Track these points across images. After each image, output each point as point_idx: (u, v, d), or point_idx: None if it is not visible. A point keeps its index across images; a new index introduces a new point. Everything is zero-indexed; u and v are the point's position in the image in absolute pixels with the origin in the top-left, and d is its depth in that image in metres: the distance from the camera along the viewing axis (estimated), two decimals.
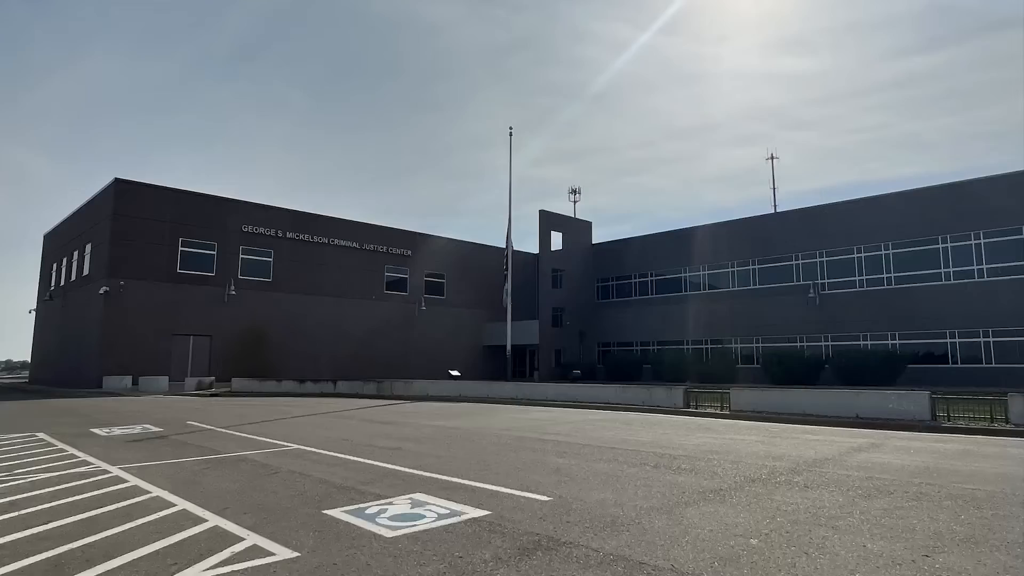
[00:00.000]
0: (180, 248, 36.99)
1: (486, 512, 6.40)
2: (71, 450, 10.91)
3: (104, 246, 35.83)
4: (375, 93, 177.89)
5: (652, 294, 49.97)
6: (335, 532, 5.78)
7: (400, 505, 6.71)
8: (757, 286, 44.02)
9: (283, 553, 5.20)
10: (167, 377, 32.66)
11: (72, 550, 5.35)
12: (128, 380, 32.76)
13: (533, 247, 53.48)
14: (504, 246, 35.26)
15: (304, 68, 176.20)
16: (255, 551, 5.26)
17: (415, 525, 5.96)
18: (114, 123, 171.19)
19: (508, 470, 8.70)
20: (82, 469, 9.02)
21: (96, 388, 33.23)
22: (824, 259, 41.29)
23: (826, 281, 41.10)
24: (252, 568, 4.90)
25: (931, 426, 14.53)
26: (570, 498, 7.00)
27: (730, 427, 15.12)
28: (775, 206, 55.28)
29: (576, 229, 54.38)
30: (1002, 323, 34.52)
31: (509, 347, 33.93)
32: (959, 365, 35.75)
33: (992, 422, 14.39)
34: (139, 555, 5.19)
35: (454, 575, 4.69)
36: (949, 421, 14.91)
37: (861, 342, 39.04)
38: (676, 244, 48.77)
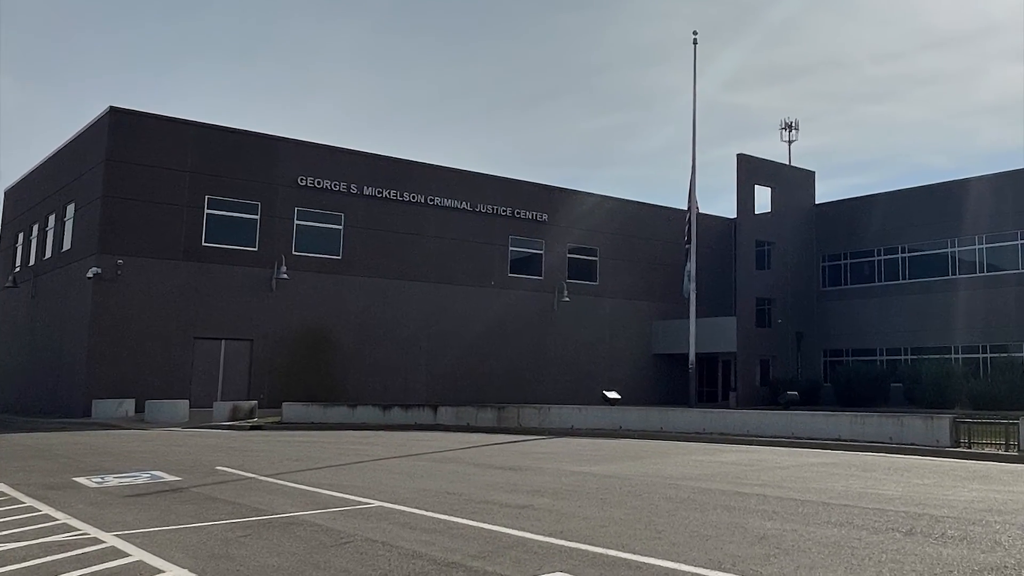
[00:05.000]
0: (206, 210, 36.10)
1: None
2: (45, 508, 10.98)
3: (94, 207, 35.11)
4: None
5: (903, 278, 48.31)
6: None
7: None
8: None
9: None
10: (187, 401, 31.99)
11: None
12: (129, 405, 32.52)
13: (728, 209, 54.64)
14: (685, 207, 35.17)
15: None
16: None
17: None
18: (110, 28, 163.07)
19: (690, 538, 8.74)
20: (61, 537, 8.98)
21: (83, 418, 32.43)
22: None
23: None
24: None
25: None
26: None
27: (1019, 475, 15.35)
28: None
29: (791, 182, 52.36)
30: None
31: (693, 356, 33.43)
32: None
33: None
34: None
35: None
36: None
37: None
38: (939, 204, 47.16)
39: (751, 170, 49.42)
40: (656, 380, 48.35)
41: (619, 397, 39.91)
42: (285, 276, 36.36)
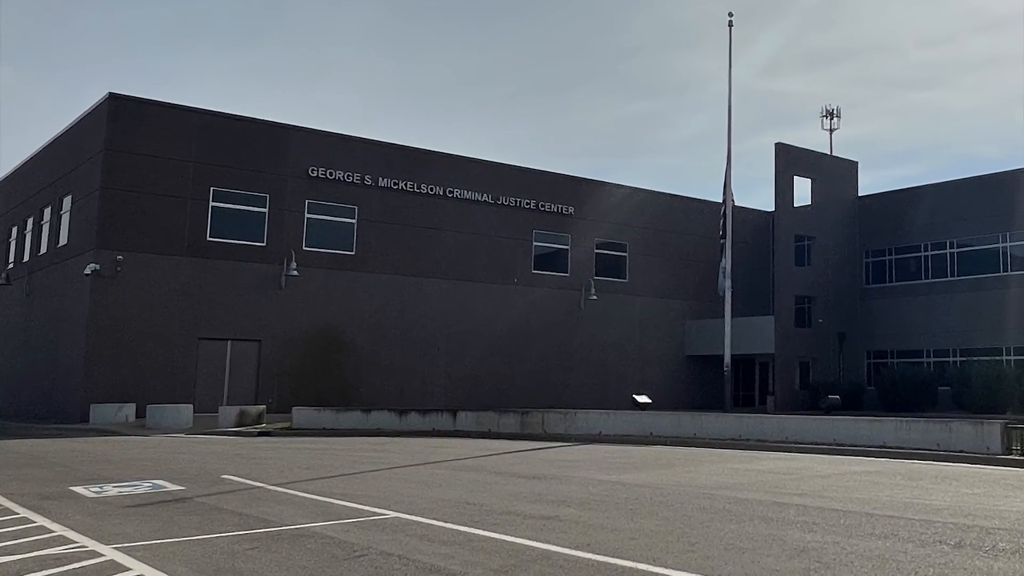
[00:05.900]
0: (210, 203, 35.80)
1: None
2: (40, 520, 11.06)
3: (92, 200, 34.84)
4: None
5: (952, 275, 47.90)
6: None
7: None
8: None
9: None
10: (190, 406, 32.00)
11: None
12: (130, 410, 32.56)
13: (765, 202, 52.63)
14: (720, 199, 35.41)
15: None
16: None
17: None
18: (108, 9, 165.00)
19: (725, 551, 8.80)
20: (57, 550, 9.01)
21: (80, 423, 32.27)
22: None
23: None
24: None
25: None
26: None
27: None
28: None
29: (833, 173, 52.05)
30: None
31: (728, 358, 33.34)
32: None
33: None
34: None
35: None
36: None
37: None
38: (990, 196, 46.48)
39: (790, 160, 49.16)
40: (689, 383, 47.99)
41: (650, 401, 39.07)
42: (295, 273, 36.12)
